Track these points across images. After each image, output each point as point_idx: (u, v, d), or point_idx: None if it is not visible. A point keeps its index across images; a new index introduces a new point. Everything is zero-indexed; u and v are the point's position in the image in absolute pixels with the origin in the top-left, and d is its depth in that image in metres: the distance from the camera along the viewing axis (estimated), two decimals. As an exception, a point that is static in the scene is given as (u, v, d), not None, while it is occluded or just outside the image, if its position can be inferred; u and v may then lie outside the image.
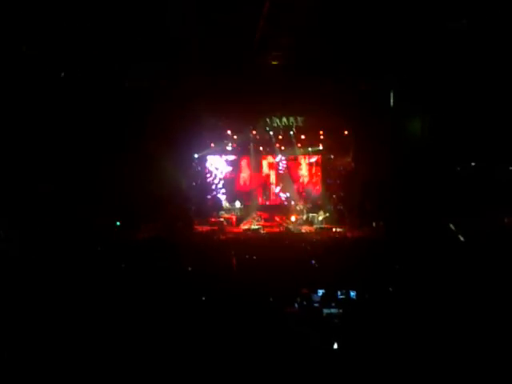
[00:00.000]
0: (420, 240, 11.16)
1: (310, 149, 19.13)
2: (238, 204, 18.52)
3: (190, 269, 9.44)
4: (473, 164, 13.52)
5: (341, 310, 6.65)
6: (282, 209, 18.84)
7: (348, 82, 14.35)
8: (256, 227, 17.27)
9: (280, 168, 19.55)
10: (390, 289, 6.91)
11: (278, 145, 19.00)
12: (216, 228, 16.86)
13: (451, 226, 11.07)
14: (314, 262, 10.29)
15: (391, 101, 14.85)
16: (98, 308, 6.24)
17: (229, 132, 18.56)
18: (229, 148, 19.08)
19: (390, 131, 15.13)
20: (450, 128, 13.12)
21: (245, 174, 19.57)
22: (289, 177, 19.58)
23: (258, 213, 18.19)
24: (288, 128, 18.45)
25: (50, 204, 12.27)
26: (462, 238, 10.56)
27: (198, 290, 7.41)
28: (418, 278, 7.78)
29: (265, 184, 19.62)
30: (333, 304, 7.00)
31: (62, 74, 12.56)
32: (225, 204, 18.54)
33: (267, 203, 19.42)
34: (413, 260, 9.20)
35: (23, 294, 6.62)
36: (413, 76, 13.40)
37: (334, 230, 16.45)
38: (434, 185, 13.39)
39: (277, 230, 16.95)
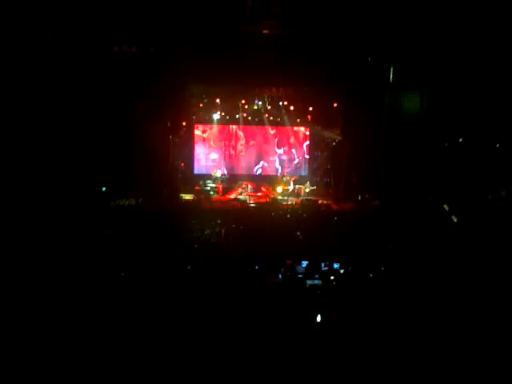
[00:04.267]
0: (406, 216, 11.25)
1: (298, 120, 19.06)
2: (219, 173, 18.41)
3: (174, 237, 9.46)
4: (460, 140, 13.54)
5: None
6: (269, 180, 18.84)
7: (341, 54, 14.17)
8: (242, 197, 17.30)
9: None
10: (370, 271, 6.97)
11: (266, 115, 18.89)
12: (202, 197, 16.85)
13: (445, 206, 11.13)
14: (298, 233, 10.38)
15: (390, 75, 14.72)
16: (84, 273, 6.24)
17: (217, 100, 18.39)
18: (217, 117, 18.92)
19: (386, 105, 15.06)
20: (448, 104, 13.08)
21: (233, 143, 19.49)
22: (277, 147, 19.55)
23: (245, 183, 18.18)
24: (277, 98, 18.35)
25: (36, 169, 12.13)
26: (455, 219, 10.64)
27: (182, 259, 7.45)
28: (401, 254, 7.88)
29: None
30: (316, 276, 7.09)
31: (49, 37, 12.23)
32: (214, 173, 18.47)
33: (255, 173, 19.40)
34: (397, 236, 9.29)
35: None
36: (412, 52, 13.28)
37: (319, 202, 16.53)
38: (425, 161, 13.43)
39: (263, 200, 16.98)
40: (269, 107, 18.70)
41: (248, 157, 19.49)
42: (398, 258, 7.73)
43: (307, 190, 17.77)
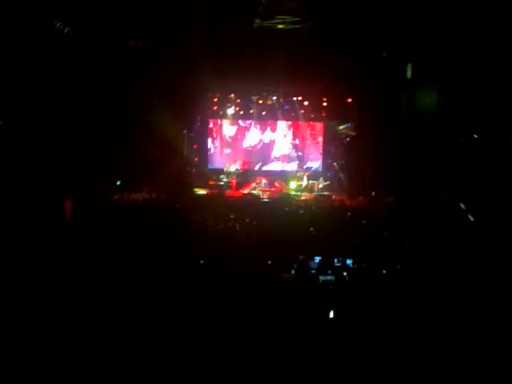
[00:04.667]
0: (421, 213, 11.16)
1: (312, 115, 19.00)
2: (232, 168, 18.44)
3: (188, 231, 9.50)
4: (476, 136, 13.37)
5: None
6: (283, 175, 18.82)
7: (357, 50, 14.07)
8: (256, 192, 17.31)
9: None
10: (384, 267, 6.93)
11: (280, 110, 18.86)
12: (215, 192, 16.90)
13: (461, 205, 11.00)
14: (312, 229, 10.35)
15: (408, 72, 14.59)
16: (96, 266, 6.30)
17: (232, 95, 18.41)
18: (231, 112, 18.93)
19: (403, 102, 14.94)
20: (465, 101, 12.92)
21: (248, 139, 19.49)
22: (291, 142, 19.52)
23: (259, 178, 18.19)
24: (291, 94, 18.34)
25: (48, 164, 12.22)
26: (471, 218, 10.52)
27: (195, 253, 7.48)
28: (415, 252, 7.83)
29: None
30: (329, 271, 7.08)
31: (66, 30, 12.26)
32: (226, 168, 18.50)
33: (268, 168, 19.39)
34: (412, 233, 9.23)
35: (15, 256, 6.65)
36: (429, 49, 13.13)
37: (333, 197, 16.48)
38: (441, 158, 13.29)
39: (277, 195, 16.97)
40: (283, 102, 18.68)
41: (262, 151, 19.48)
42: (412, 256, 7.68)
43: (321, 186, 17.73)
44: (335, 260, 7.48)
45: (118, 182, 15.02)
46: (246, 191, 17.48)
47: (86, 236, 8.23)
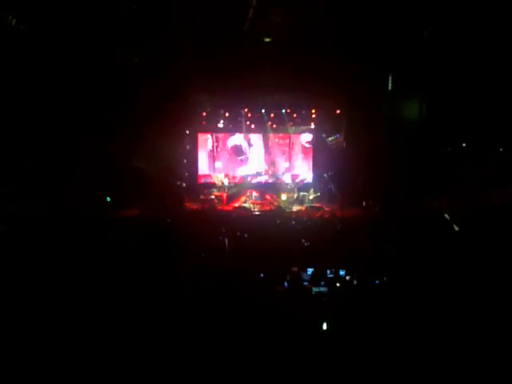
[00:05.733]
0: (406, 223, 11.19)
1: (301, 127, 19.09)
2: (226, 181, 18.48)
3: (179, 246, 9.44)
4: (464, 145, 13.51)
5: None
6: (273, 187, 18.83)
7: (342, 62, 14.20)
8: (247, 205, 17.30)
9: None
10: (377, 278, 6.93)
11: (269, 123, 18.92)
12: (206, 206, 16.86)
13: (446, 215, 11.06)
14: (303, 240, 10.34)
15: (389, 83, 14.76)
16: (85, 281, 6.23)
17: (220, 109, 18.46)
18: (220, 125, 18.96)
19: (386, 112, 15.08)
20: (448, 111, 13.07)
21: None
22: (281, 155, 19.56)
23: (249, 191, 18.19)
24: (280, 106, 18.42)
25: (36, 179, 12.14)
26: (456, 228, 10.58)
27: (187, 268, 7.43)
28: (406, 263, 7.83)
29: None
30: (322, 283, 7.06)
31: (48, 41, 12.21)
32: (217, 181, 18.48)
33: (258, 182, 19.39)
34: (397, 243, 9.24)
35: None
36: (411, 60, 13.30)
37: (324, 209, 16.50)
38: (428, 167, 13.39)
39: (267, 208, 16.98)
40: (272, 115, 18.75)
41: (252, 165, 19.49)
42: (398, 266, 7.68)
43: (311, 197, 17.77)
44: (328, 271, 7.47)
45: (108, 199, 14.92)
46: (237, 204, 17.47)
47: (75, 251, 8.14)
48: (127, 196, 15.04)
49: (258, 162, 19.46)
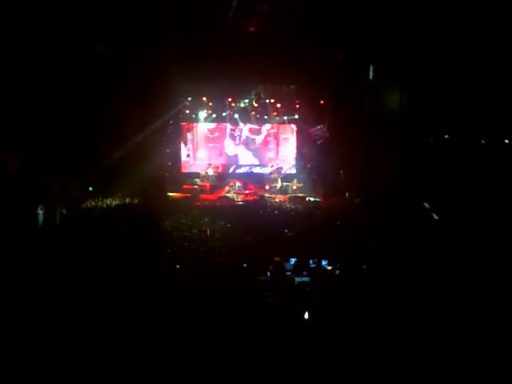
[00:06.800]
0: (392, 213, 11.31)
1: (285, 117, 19.07)
2: (210, 171, 18.45)
3: (162, 236, 9.45)
4: (446, 136, 13.65)
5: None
6: (257, 177, 18.83)
7: (325, 51, 14.22)
8: (230, 195, 17.29)
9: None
10: (358, 268, 7.02)
11: (253, 113, 18.88)
12: (189, 195, 16.82)
13: (425, 204, 11.20)
14: (286, 230, 10.40)
15: (370, 73, 14.80)
16: (68, 272, 6.21)
17: (204, 99, 18.37)
18: (203, 115, 18.87)
19: (368, 103, 15.13)
20: (429, 101, 13.18)
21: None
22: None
23: (233, 181, 18.18)
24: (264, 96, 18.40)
25: (20, 170, 12.00)
26: (435, 217, 10.72)
27: (171, 258, 7.45)
28: (387, 253, 7.92)
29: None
30: (304, 272, 7.13)
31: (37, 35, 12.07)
32: (201, 171, 18.44)
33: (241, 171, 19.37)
34: (384, 234, 9.33)
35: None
36: (392, 48, 13.37)
37: (307, 199, 16.56)
38: (410, 158, 13.51)
39: (251, 198, 16.99)
40: (256, 105, 18.71)
41: (235, 154, 19.45)
42: (380, 256, 7.77)
43: (294, 188, 17.83)
44: (310, 261, 7.53)
45: (91, 188, 14.80)
46: (220, 194, 17.45)
47: (57, 242, 8.10)
48: (109, 186, 14.94)
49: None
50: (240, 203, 16.23)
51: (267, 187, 17.92)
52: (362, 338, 4.56)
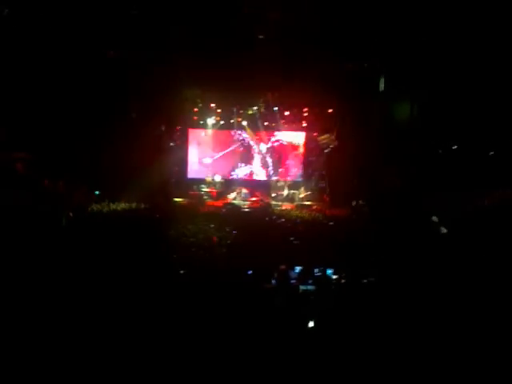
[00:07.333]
0: (400, 223, 11.22)
1: (293, 125, 19.06)
2: (217, 178, 18.48)
3: (168, 241, 9.42)
4: (455, 147, 13.57)
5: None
6: (264, 185, 18.83)
7: (335, 61, 14.22)
8: (237, 202, 17.28)
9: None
10: (364, 277, 6.95)
11: (261, 120, 18.89)
12: (196, 201, 16.82)
13: (434, 218, 11.09)
14: (292, 238, 10.34)
15: (381, 84, 14.81)
16: (72, 276, 6.19)
17: (212, 105, 18.41)
18: (211, 121, 18.92)
19: (378, 113, 15.13)
20: (439, 113, 13.14)
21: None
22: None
23: (239, 188, 18.17)
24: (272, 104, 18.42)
25: (28, 173, 12.05)
26: (444, 230, 10.61)
27: (176, 264, 7.41)
28: (394, 263, 7.85)
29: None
30: (309, 281, 7.07)
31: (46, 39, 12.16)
32: (206, 178, 18.46)
33: (249, 178, 19.37)
34: (391, 244, 9.26)
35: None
36: (402, 60, 13.37)
37: (314, 207, 16.52)
38: (418, 168, 13.44)
39: (257, 205, 16.96)
40: (264, 112, 18.73)
41: (242, 162, 19.46)
42: (387, 266, 7.70)
43: (301, 196, 17.79)
44: (316, 270, 7.47)
45: (97, 192, 14.83)
46: (226, 201, 17.45)
47: (62, 246, 8.10)
48: (116, 191, 14.97)
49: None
50: (246, 210, 16.20)
51: (274, 195, 17.89)
52: (367, 347, 4.51)
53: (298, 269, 7.44)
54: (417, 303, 5.57)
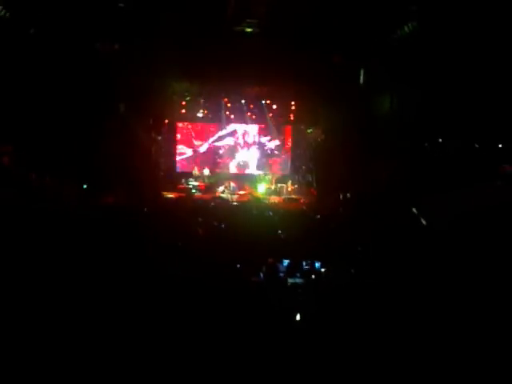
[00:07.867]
0: (386, 216, 11.30)
1: (280, 118, 19.10)
2: (206, 171, 18.47)
3: (156, 235, 9.40)
4: (440, 140, 13.66)
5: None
6: (252, 178, 18.85)
7: (321, 53, 14.23)
8: (225, 195, 17.29)
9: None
10: (352, 270, 7.02)
11: (249, 113, 18.90)
12: (184, 195, 16.81)
13: (414, 209, 11.20)
14: (280, 231, 10.40)
15: (361, 76, 14.89)
16: (59, 272, 6.17)
17: (200, 99, 18.37)
18: (199, 115, 18.87)
19: (358, 106, 15.19)
20: (420, 105, 13.21)
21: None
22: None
23: (228, 181, 18.18)
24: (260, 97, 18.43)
25: (12, 165, 11.95)
26: (424, 222, 10.71)
27: (163, 258, 7.41)
28: (381, 256, 7.92)
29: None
30: (298, 274, 7.12)
31: (32, 31, 12.02)
32: (194, 171, 18.43)
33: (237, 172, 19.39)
34: (378, 237, 9.33)
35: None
36: (383, 53, 13.43)
37: (301, 200, 16.59)
38: (404, 160, 13.52)
39: (245, 199, 16.99)
40: (251, 106, 18.73)
41: (230, 155, 19.46)
42: (374, 259, 7.77)
43: (289, 189, 17.84)
44: (304, 263, 7.53)
45: (85, 186, 14.74)
46: (214, 195, 17.45)
47: (48, 240, 8.05)
48: (103, 184, 14.88)
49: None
50: (234, 204, 16.22)
51: (262, 188, 17.91)
52: (355, 340, 4.56)
53: (286, 262, 7.49)
54: (405, 295, 5.64)
